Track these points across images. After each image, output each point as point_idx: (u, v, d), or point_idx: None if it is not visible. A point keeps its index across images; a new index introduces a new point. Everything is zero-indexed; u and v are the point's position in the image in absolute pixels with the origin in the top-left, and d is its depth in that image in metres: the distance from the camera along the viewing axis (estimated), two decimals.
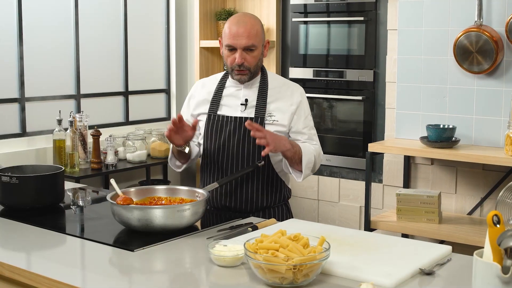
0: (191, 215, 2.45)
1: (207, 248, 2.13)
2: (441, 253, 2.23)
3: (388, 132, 4.54)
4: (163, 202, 2.62)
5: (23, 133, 4.34)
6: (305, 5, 4.97)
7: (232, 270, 2.07)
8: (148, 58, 5.23)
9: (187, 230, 2.47)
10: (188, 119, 2.95)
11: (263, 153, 2.66)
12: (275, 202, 2.98)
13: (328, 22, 4.90)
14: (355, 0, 4.70)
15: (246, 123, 2.65)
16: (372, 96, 4.65)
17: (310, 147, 2.88)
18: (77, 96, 4.66)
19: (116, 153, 4.44)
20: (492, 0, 3.96)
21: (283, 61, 5.17)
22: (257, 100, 2.87)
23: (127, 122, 5.04)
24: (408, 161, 4.42)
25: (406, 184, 4.44)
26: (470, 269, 2.10)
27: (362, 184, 4.72)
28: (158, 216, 2.37)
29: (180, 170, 3.07)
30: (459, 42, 3.99)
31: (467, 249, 3.60)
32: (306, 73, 5.01)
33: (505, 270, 1.50)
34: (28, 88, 4.36)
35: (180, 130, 2.75)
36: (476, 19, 3.95)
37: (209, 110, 2.91)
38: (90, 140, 4.30)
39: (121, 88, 5.01)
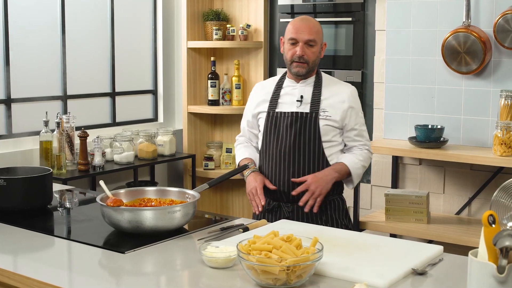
0: (182, 217, 2.44)
1: (199, 249, 2.11)
2: (432, 253, 2.23)
3: (376, 132, 4.54)
4: (153, 203, 2.60)
5: (9, 134, 4.30)
6: (292, 6, 4.97)
7: (224, 271, 2.06)
8: (135, 59, 5.20)
9: (178, 231, 2.46)
10: (249, 119, 3.17)
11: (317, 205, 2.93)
12: (331, 194, 3.05)
13: None
14: (342, 1, 4.70)
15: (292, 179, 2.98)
16: (360, 96, 4.64)
17: (357, 157, 3.06)
18: (64, 97, 4.62)
19: (103, 154, 4.41)
20: (480, 1, 3.98)
21: (270, 62, 5.17)
22: (311, 97, 3.02)
23: (114, 123, 5.01)
24: (397, 161, 4.43)
25: (395, 184, 4.44)
26: (462, 269, 2.11)
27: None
28: (149, 217, 2.36)
29: None
30: (447, 43, 4.00)
31: (455, 249, 3.60)
32: None
33: (500, 269, 1.49)
34: (14, 89, 4.32)
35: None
36: (464, 20, 3.96)
37: (268, 108, 3.08)
38: (77, 141, 4.27)
39: (108, 89, 4.98)
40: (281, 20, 5.03)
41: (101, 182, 2.61)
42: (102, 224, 2.52)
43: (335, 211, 3.07)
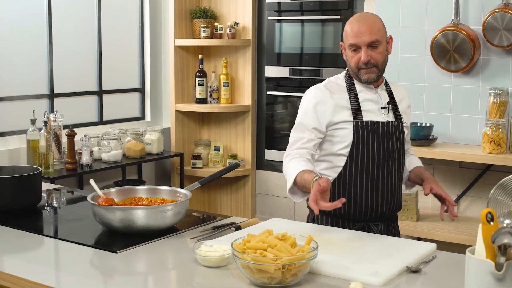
0: (174, 216, 2.42)
1: (193, 248, 2.09)
2: (426, 251, 2.24)
3: None
4: (144, 202, 2.58)
5: None
6: (279, 4, 4.96)
7: (218, 270, 2.05)
8: (122, 57, 5.17)
9: (169, 230, 2.44)
10: (317, 127, 2.65)
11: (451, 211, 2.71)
12: (391, 211, 2.77)
13: (304, 21, 4.90)
14: None
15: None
16: None
17: (418, 159, 2.96)
18: (51, 96, 4.58)
19: (91, 153, 4.38)
20: None
21: (258, 60, 5.16)
22: (391, 103, 2.73)
23: (101, 122, 4.98)
24: None
25: None
26: (456, 267, 2.12)
27: None
28: (141, 216, 2.34)
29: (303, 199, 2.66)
30: (436, 41, 4.01)
31: (445, 246, 3.61)
32: (282, 71, 5.00)
33: (498, 267, 1.49)
34: (0, 88, 4.28)
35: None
36: (453, 18, 3.97)
37: (354, 117, 2.64)
38: (64, 140, 4.23)
39: (95, 88, 4.94)
40: (269, 18, 5.02)
41: (92, 182, 2.59)
42: (92, 224, 2.50)
43: (387, 232, 2.79)
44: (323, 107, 2.66)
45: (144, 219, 2.34)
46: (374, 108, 2.69)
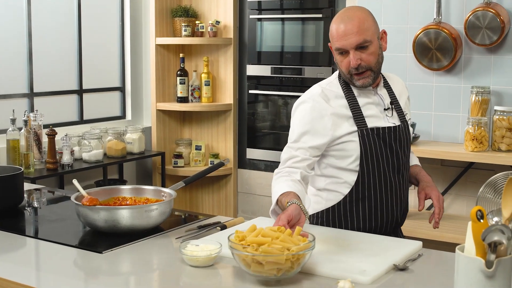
0: (159, 215, 2.40)
1: (179, 248, 2.08)
2: (412, 249, 2.23)
3: None
4: (128, 202, 2.55)
5: None
6: (259, 2, 4.95)
7: (205, 270, 2.03)
8: (102, 55, 5.13)
9: (154, 230, 2.42)
10: (314, 145, 2.39)
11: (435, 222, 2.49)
12: (403, 218, 2.63)
13: (284, 19, 4.89)
14: None
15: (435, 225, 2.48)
16: None
17: (414, 155, 2.76)
18: (31, 95, 4.53)
19: (72, 152, 4.33)
20: None
21: (240, 58, 5.14)
22: (392, 102, 2.51)
23: (81, 121, 4.94)
24: None
25: None
26: (442, 264, 2.13)
27: None
28: (126, 216, 2.31)
29: None
30: (419, 39, 4.02)
31: (427, 243, 3.62)
32: (263, 70, 4.99)
33: (488, 264, 1.49)
34: None
35: None
36: (435, 17, 3.99)
37: (358, 125, 2.40)
38: (45, 139, 4.19)
39: (75, 87, 4.90)
40: (251, 16, 5.01)
41: (75, 181, 2.55)
42: (75, 224, 2.47)
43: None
44: (321, 122, 2.39)
45: (129, 219, 2.32)
46: (376, 112, 2.45)
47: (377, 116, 2.45)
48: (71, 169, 4.25)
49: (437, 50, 3.97)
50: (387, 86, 2.53)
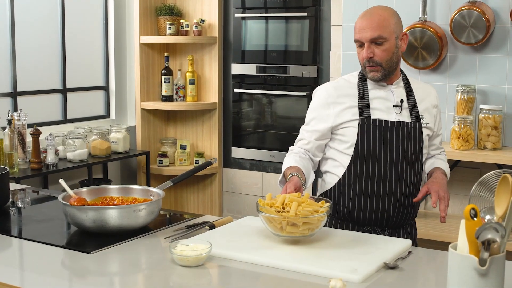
0: (147, 215, 2.38)
1: (169, 248, 2.06)
2: (402, 247, 2.24)
3: None
4: (115, 202, 2.53)
5: None
6: (243, 1, 4.94)
7: (195, 269, 2.02)
8: (86, 54, 5.08)
9: (142, 230, 2.40)
10: (319, 129, 2.61)
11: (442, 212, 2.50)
12: (402, 218, 2.65)
13: (268, 18, 4.88)
14: None
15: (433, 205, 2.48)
16: None
17: (445, 164, 2.75)
18: (14, 94, 4.48)
19: (56, 152, 4.30)
20: None
21: (225, 57, 5.12)
22: (408, 102, 2.60)
23: (65, 120, 4.89)
24: None
25: None
26: (431, 262, 2.14)
27: None
28: (114, 216, 2.30)
29: None
30: None
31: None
32: (248, 69, 4.98)
33: (482, 262, 1.50)
34: None
35: None
36: (420, 15, 4.00)
37: (360, 114, 2.55)
38: (29, 139, 4.15)
39: (59, 86, 4.86)
40: (236, 15, 4.99)
41: (62, 181, 2.53)
42: (61, 224, 2.46)
43: (413, 235, 2.74)
44: (327, 110, 2.60)
45: (118, 219, 2.30)
46: (385, 107, 2.58)
47: (385, 111, 2.57)
48: (56, 169, 4.21)
49: (423, 49, 3.98)
50: (408, 87, 2.64)
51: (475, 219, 1.49)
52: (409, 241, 2.30)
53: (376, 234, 2.53)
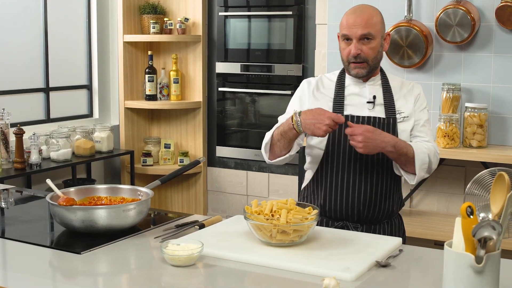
0: (136, 215, 2.36)
1: (161, 248, 2.04)
2: (392, 245, 2.24)
3: None
4: (103, 202, 2.51)
5: None
6: None
7: (186, 269, 2.01)
8: (68, 53, 5.04)
9: (131, 230, 2.38)
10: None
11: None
12: (375, 215, 2.64)
13: (251, 17, 4.87)
14: None
15: (348, 123, 2.44)
16: None
17: (423, 145, 2.59)
18: None
19: (40, 152, 4.25)
20: None
21: (209, 56, 5.11)
22: (384, 98, 2.62)
23: (48, 120, 4.84)
24: None
25: None
26: (422, 260, 2.14)
27: (291, 179, 4.72)
28: (103, 216, 2.27)
29: (276, 160, 2.67)
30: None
31: None
32: (233, 67, 4.97)
33: (478, 259, 1.50)
34: None
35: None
36: (406, 14, 4.01)
37: (334, 109, 2.60)
38: (12, 138, 4.10)
39: (41, 84, 4.81)
40: (220, 13, 4.98)
41: (49, 181, 2.51)
42: (47, 224, 2.43)
43: (395, 232, 2.70)
44: (304, 101, 2.67)
45: (107, 218, 2.28)
46: (360, 103, 2.62)
47: (358, 106, 2.61)
48: (40, 169, 4.17)
49: (408, 48, 3.99)
50: (385, 84, 2.66)
51: (471, 216, 1.49)
52: (399, 239, 2.30)
53: (350, 230, 2.54)
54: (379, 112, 2.61)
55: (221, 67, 5.03)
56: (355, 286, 1.89)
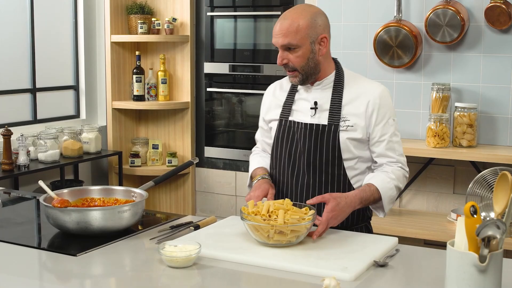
0: (131, 216, 2.34)
1: (158, 249, 2.03)
2: (389, 245, 2.25)
3: None
4: (96, 203, 2.49)
5: None
6: None
7: (183, 271, 2.00)
8: (55, 53, 4.99)
9: (125, 232, 2.36)
10: (262, 126, 2.73)
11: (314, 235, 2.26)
12: (354, 223, 2.56)
13: (237, 17, 4.86)
14: None
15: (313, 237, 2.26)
16: None
17: (387, 179, 2.46)
18: None
19: (28, 153, 4.21)
20: None
21: (197, 56, 5.09)
22: (330, 103, 2.49)
23: (35, 121, 4.80)
24: None
25: None
26: (419, 259, 2.15)
27: None
28: (98, 218, 2.25)
29: None
30: (379, 37, 4.04)
31: None
32: (221, 68, 4.95)
33: (482, 259, 1.50)
34: None
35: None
36: (395, 14, 4.02)
37: (280, 115, 2.58)
38: (0, 140, 4.06)
39: (28, 85, 4.76)
40: (208, 13, 4.96)
41: (41, 183, 2.48)
42: (43, 226, 2.40)
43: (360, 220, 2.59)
44: (264, 104, 2.70)
45: (102, 220, 2.26)
46: (304, 108, 2.54)
47: (303, 112, 2.54)
48: (28, 170, 4.13)
49: (398, 48, 4.00)
50: (337, 88, 2.51)
51: (475, 216, 1.49)
52: (395, 239, 2.31)
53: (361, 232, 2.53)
54: (323, 118, 2.49)
55: (209, 67, 5.01)
56: (354, 286, 1.89)
